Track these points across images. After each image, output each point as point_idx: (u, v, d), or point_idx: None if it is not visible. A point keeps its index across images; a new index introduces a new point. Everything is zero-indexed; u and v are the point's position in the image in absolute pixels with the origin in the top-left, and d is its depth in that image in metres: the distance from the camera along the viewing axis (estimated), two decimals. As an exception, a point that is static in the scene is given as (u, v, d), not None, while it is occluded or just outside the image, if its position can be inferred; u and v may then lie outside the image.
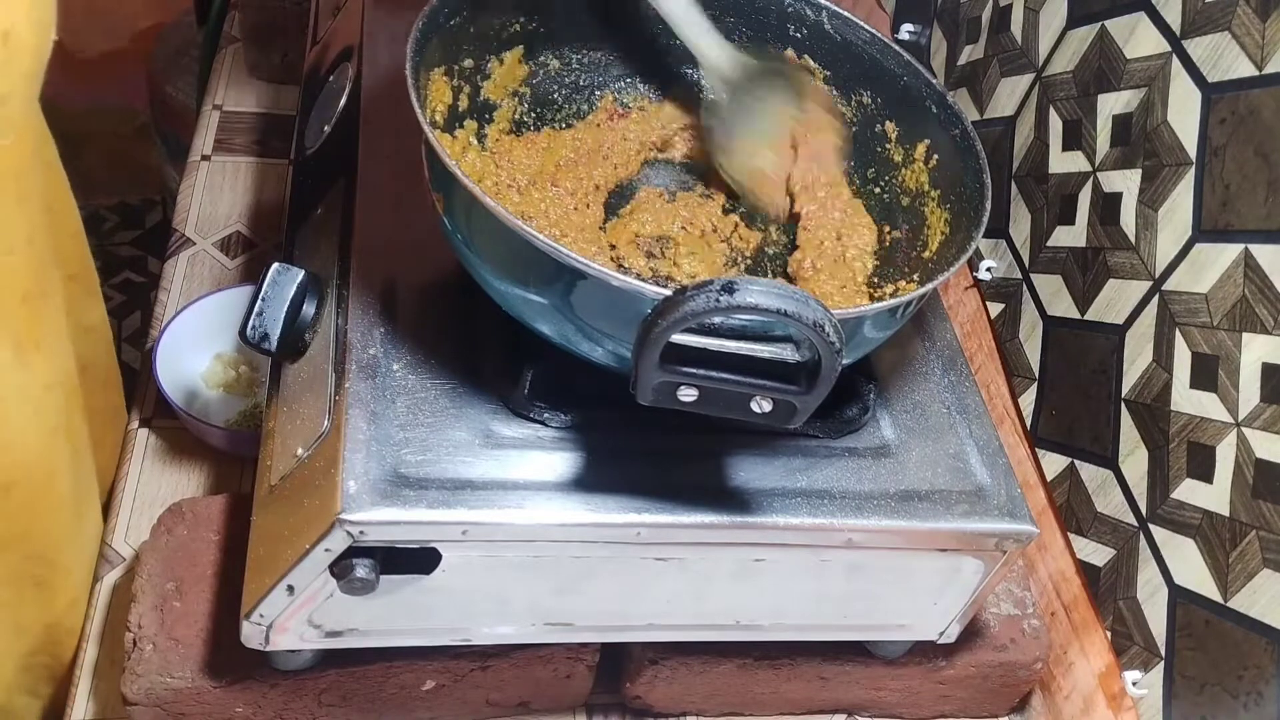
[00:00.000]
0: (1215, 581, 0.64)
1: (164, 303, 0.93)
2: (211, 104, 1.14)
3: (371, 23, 0.78)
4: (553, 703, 0.71)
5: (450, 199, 0.57)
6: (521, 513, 0.55)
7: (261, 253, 0.99)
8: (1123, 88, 0.74)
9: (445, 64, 0.64)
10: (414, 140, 0.59)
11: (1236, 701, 0.62)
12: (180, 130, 1.55)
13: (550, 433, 0.59)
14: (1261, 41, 0.63)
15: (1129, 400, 0.71)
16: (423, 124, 0.54)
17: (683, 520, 0.57)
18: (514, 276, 0.55)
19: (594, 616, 0.62)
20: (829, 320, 0.46)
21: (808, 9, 0.71)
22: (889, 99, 0.69)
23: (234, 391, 0.86)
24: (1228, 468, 0.63)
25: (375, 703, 0.67)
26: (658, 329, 0.46)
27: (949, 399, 0.67)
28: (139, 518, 0.79)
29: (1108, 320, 0.74)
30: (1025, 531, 0.61)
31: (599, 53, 0.74)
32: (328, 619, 0.58)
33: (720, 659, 0.69)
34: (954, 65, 0.94)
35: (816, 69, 0.72)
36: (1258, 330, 0.62)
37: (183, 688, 0.62)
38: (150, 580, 0.65)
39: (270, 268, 0.62)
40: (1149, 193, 0.71)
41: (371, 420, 0.56)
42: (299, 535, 0.54)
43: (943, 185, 0.66)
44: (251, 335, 0.62)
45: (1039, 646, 0.73)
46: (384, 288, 0.62)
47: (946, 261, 0.61)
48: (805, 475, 0.60)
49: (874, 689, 0.73)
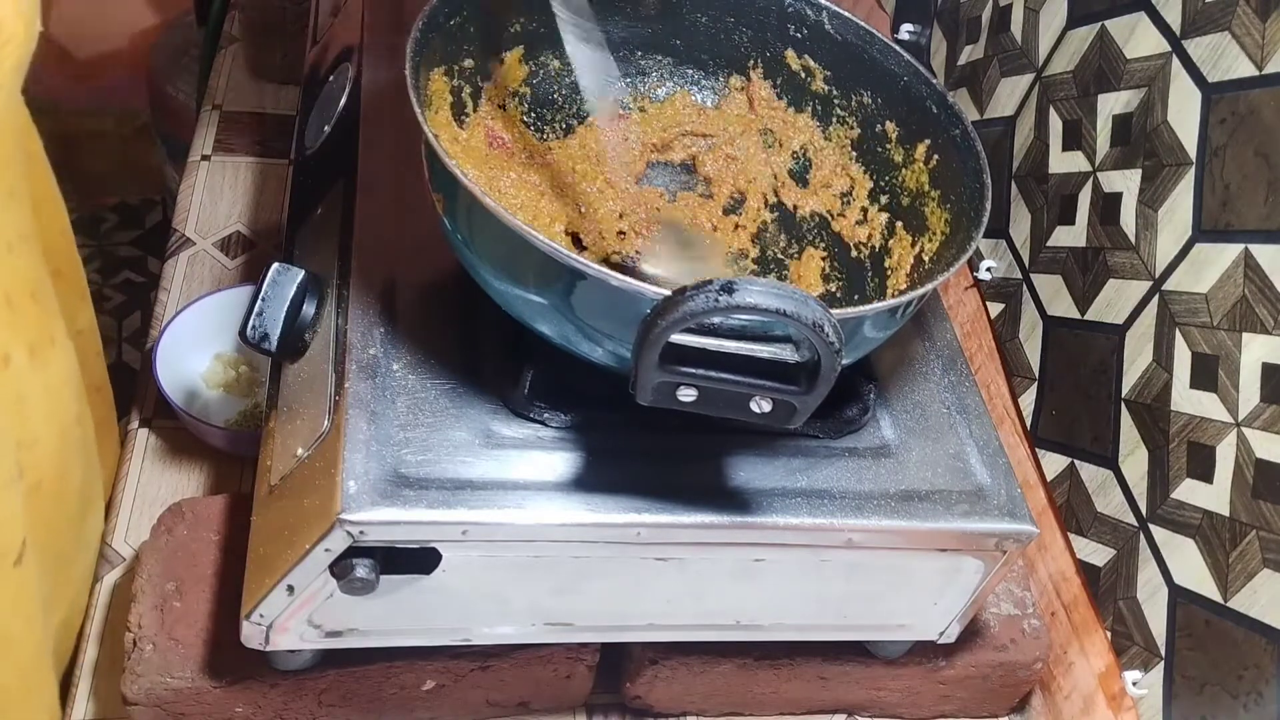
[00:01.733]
0: (1215, 581, 0.64)
1: (164, 303, 0.93)
2: (211, 104, 1.14)
3: (371, 23, 0.78)
4: (553, 703, 0.71)
5: (450, 199, 0.57)
6: (521, 513, 0.55)
7: (261, 253, 0.99)
8: (1123, 88, 0.74)
9: (445, 64, 0.64)
10: (414, 140, 0.59)
11: (1236, 701, 0.62)
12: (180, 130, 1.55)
13: (550, 433, 0.59)
14: (1261, 41, 0.63)
15: (1129, 400, 0.71)
16: (423, 124, 0.54)
17: (683, 520, 0.57)
18: (514, 276, 0.55)
19: (594, 616, 0.62)
20: (829, 320, 0.46)
21: (808, 9, 0.71)
22: (889, 99, 0.69)
23: (234, 391, 0.86)
24: (1228, 468, 0.63)
25: (375, 703, 0.67)
26: (657, 329, 0.46)
27: (949, 399, 0.67)
28: (139, 518, 0.79)
29: (1108, 320, 0.74)
30: (1025, 531, 0.61)
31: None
32: (328, 619, 0.58)
33: (720, 659, 0.69)
34: (954, 65, 0.94)
35: (816, 69, 0.72)
36: (1258, 330, 0.62)
37: (183, 688, 0.62)
38: (150, 580, 0.65)
39: (270, 268, 0.62)
40: (1149, 193, 0.71)
41: (371, 420, 0.56)
42: (299, 535, 0.54)
43: (943, 185, 0.66)
44: (251, 335, 0.62)
45: (1039, 646, 0.73)
46: (384, 288, 0.62)
47: (946, 261, 0.61)
48: (805, 475, 0.60)
49: (874, 689, 0.73)
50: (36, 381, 0.63)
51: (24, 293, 0.62)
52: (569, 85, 0.74)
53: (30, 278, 0.63)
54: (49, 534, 0.67)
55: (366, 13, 0.78)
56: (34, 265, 0.64)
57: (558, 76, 0.73)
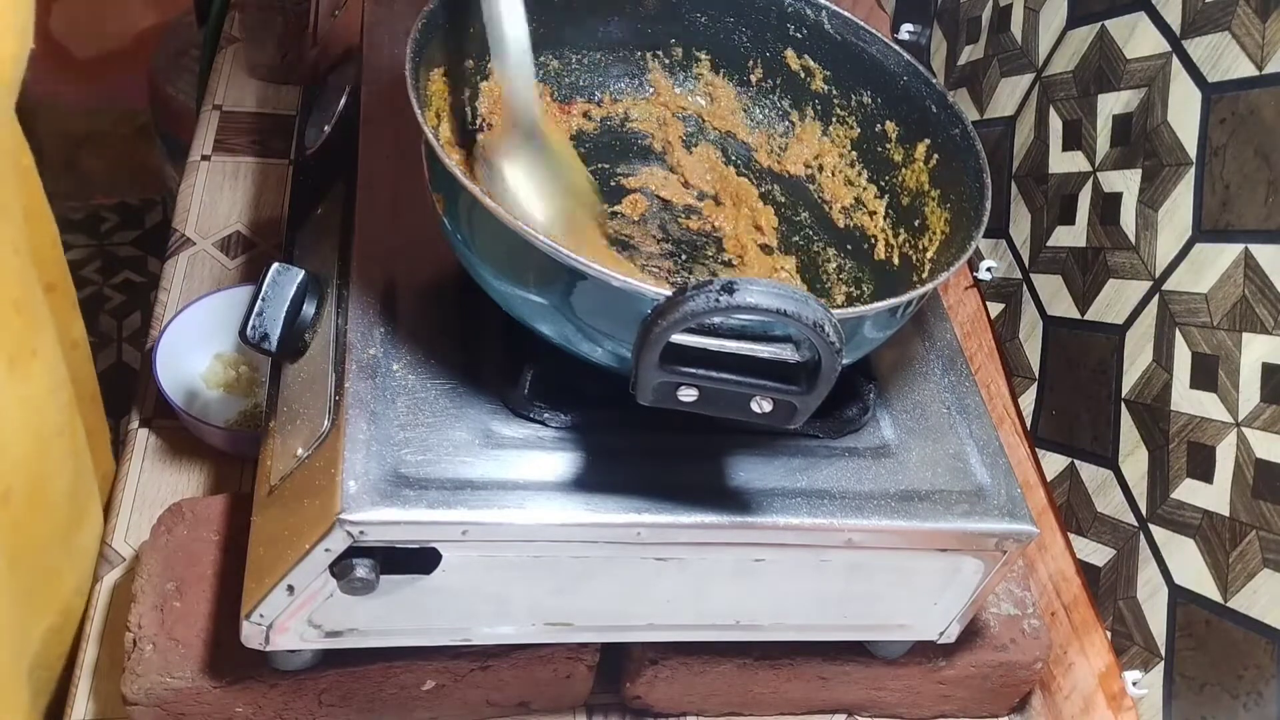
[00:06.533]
0: (1215, 581, 0.64)
1: (164, 303, 0.93)
2: (211, 104, 1.14)
3: (371, 23, 0.78)
4: (553, 703, 0.71)
5: (450, 199, 0.57)
6: (521, 513, 0.55)
7: (261, 253, 0.99)
8: (1123, 88, 0.74)
9: (445, 64, 0.64)
10: (414, 140, 0.59)
11: (1236, 701, 0.62)
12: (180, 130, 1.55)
13: (550, 433, 0.59)
14: (1261, 41, 0.63)
15: (1129, 400, 0.71)
16: (422, 124, 0.54)
17: (683, 520, 0.57)
18: (514, 277, 0.55)
19: (594, 616, 0.62)
20: (829, 320, 0.46)
21: (808, 9, 0.71)
22: (889, 99, 0.69)
23: (234, 391, 0.86)
24: (1228, 468, 0.63)
25: (375, 703, 0.67)
26: (658, 329, 0.46)
27: (949, 399, 0.67)
28: (139, 518, 0.79)
29: (1108, 320, 0.74)
30: (1025, 531, 0.61)
31: (599, 53, 0.74)
32: (328, 619, 0.58)
33: (720, 659, 0.69)
34: (954, 65, 0.94)
35: (816, 69, 0.72)
36: (1258, 330, 0.62)
37: (183, 688, 0.62)
38: (150, 580, 0.65)
39: (270, 268, 0.62)
40: (1149, 193, 0.71)
41: (371, 420, 0.56)
42: (299, 535, 0.54)
43: (943, 185, 0.66)
44: (251, 335, 0.62)
45: (1039, 646, 0.73)
46: (384, 288, 0.62)
47: (946, 261, 0.61)
48: (805, 475, 0.60)
49: (874, 689, 0.73)
50: (13, 393, 0.63)
51: (7, 304, 0.62)
52: (569, 85, 0.74)
53: (15, 290, 0.63)
54: (24, 543, 0.67)
55: (366, 13, 0.78)
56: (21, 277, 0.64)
57: (557, 76, 0.73)
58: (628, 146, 0.74)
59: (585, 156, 0.71)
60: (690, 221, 0.71)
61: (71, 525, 0.74)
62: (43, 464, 0.68)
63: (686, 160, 0.74)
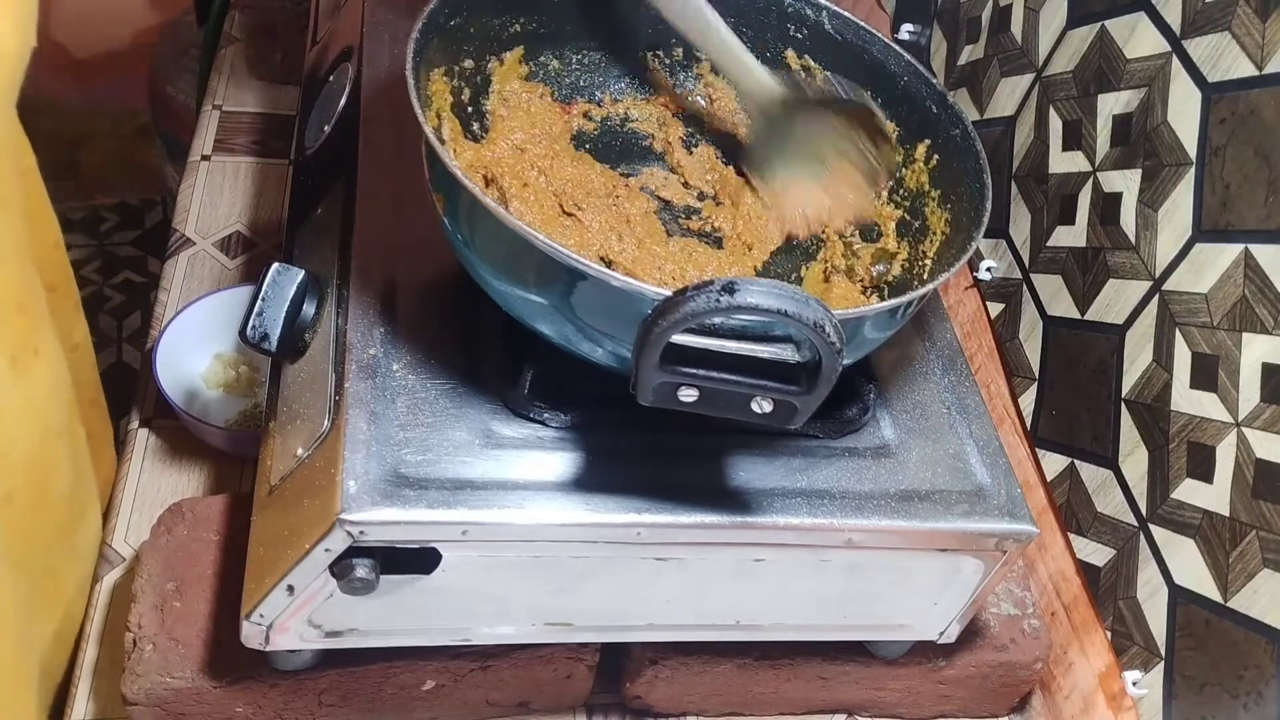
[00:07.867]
0: (1215, 581, 0.64)
1: (164, 303, 0.93)
2: (211, 104, 1.14)
3: (371, 23, 0.78)
4: (553, 703, 0.71)
5: (451, 199, 0.57)
6: (521, 513, 0.55)
7: (261, 253, 1.00)
8: (1123, 88, 0.74)
9: (445, 64, 0.64)
10: (414, 140, 0.59)
11: (1236, 701, 0.62)
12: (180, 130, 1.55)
13: (550, 433, 0.59)
14: (1261, 41, 0.63)
15: (1129, 400, 0.71)
16: (423, 124, 0.54)
17: (683, 520, 0.57)
18: (514, 276, 0.55)
19: (594, 616, 0.62)
20: (829, 320, 0.46)
21: (808, 9, 0.71)
22: (889, 99, 0.69)
23: (234, 391, 0.86)
24: (1228, 468, 0.63)
25: (375, 703, 0.67)
26: (658, 329, 0.46)
27: (949, 399, 0.67)
28: (139, 518, 0.79)
29: (1108, 320, 0.74)
30: (1025, 531, 0.61)
31: (599, 53, 0.74)
32: (328, 619, 0.58)
33: (720, 659, 0.69)
34: (954, 65, 0.95)
35: (816, 69, 0.72)
36: (1258, 330, 0.62)
37: (183, 688, 0.62)
38: (150, 580, 0.65)
39: (270, 268, 0.62)
40: (1149, 193, 0.71)
41: (371, 420, 0.56)
42: (299, 535, 0.54)
43: (943, 185, 0.66)
44: (251, 335, 0.62)
45: (1039, 646, 0.73)
46: (384, 288, 0.62)
47: (946, 261, 0.61)
48: (805, 475, 0.60)
49: (874, 689, 0.73)
50: (15, 393, 0.63)
51: (9, 304, 0.62)
52: (568, 85, 0.74)
53: (18, 290, 0.63)
54: (27, 545, 0.67)
55: (366, 13, 0.78)
56: (23, 278, 0.64)
57: (557, 77, 0.73)
58: (628, 147, 0.74)
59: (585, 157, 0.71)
60: (691, 222, 0.71)
61: (72, 526, 0.74)
62: (44, 464, 0.68)
63: (687, 161, 0.74)
